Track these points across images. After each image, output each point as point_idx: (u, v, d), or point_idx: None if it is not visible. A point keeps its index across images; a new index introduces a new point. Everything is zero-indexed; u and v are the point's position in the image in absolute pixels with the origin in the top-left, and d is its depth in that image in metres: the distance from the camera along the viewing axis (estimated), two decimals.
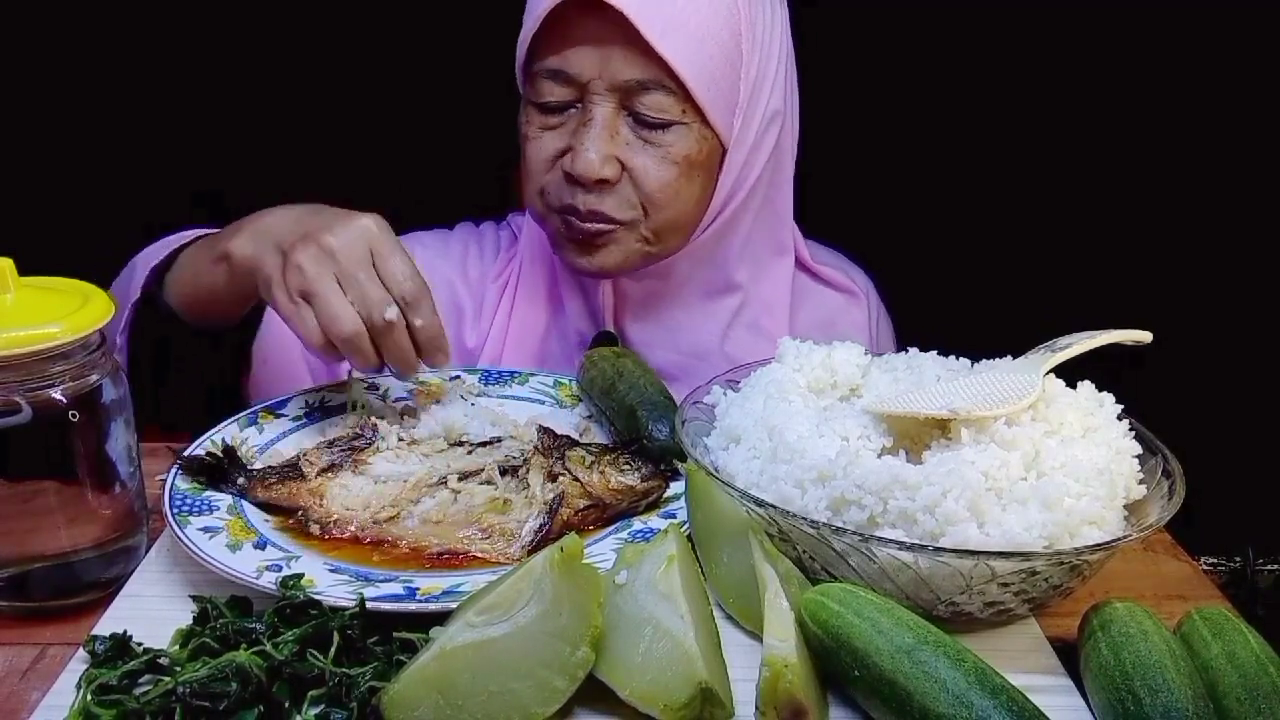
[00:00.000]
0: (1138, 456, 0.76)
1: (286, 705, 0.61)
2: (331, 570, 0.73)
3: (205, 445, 0.86)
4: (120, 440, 0.74)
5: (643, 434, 0.87)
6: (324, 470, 0.83)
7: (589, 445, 0.86)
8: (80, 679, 0.62)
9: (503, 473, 0.84)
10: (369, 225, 0.83)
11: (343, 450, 0.86)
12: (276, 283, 0.82)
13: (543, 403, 1.01)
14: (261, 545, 0.76)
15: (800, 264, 1.14)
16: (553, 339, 1.12)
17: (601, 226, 0.97)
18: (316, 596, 0.68)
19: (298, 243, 0.81)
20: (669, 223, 0.99)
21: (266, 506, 0.81)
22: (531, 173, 1.00)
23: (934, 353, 0.89)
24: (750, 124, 0.99)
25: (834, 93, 1.07)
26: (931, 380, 0.83)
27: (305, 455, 0.84)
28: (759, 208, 1.05)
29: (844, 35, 1.10)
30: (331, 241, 0.81)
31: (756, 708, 0.60)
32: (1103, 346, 0.81)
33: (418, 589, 0.71)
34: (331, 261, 0.80)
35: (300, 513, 0.80)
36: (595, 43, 0.92)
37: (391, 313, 0.81)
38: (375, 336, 0.82)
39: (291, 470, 0.83)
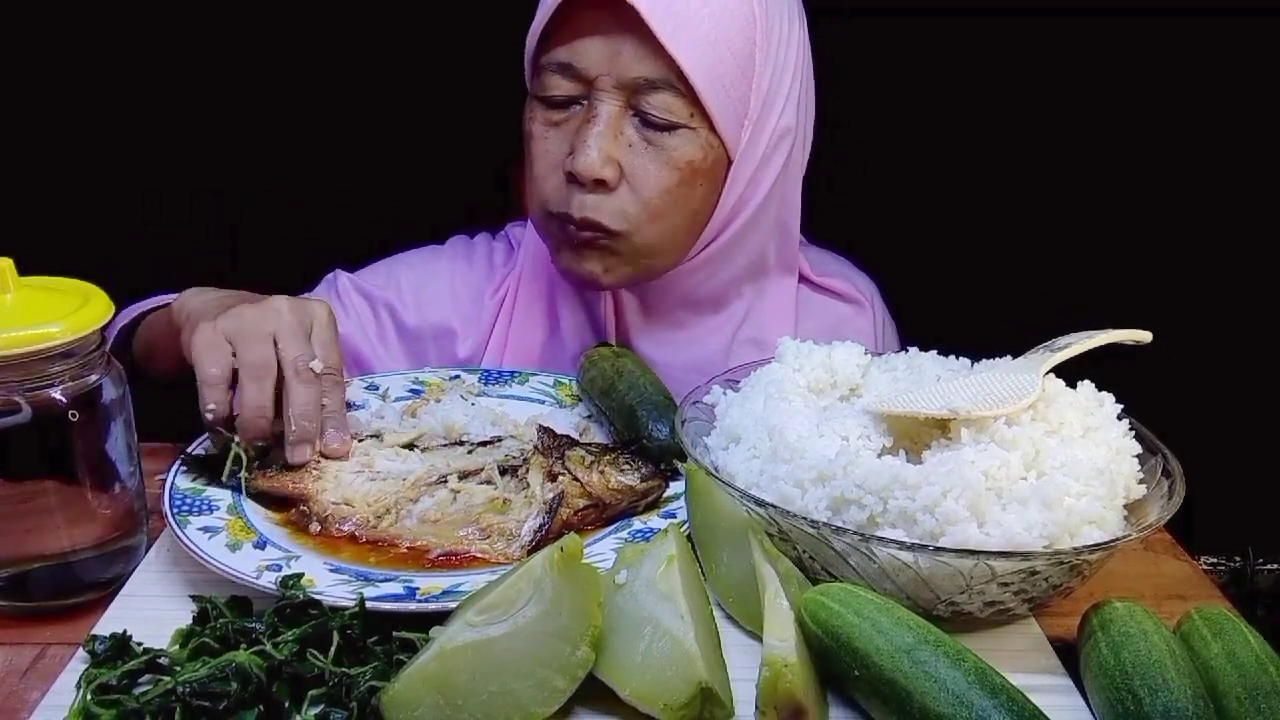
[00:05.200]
0: (1138, 456, 0.76)
1: (286, 705, 0.61)
2: (331, 570, 0.73)
3: (206, 445, 0.86)
4: (120, 440, 0.74)
5: (643, 434, 0.87)
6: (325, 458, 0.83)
7: (589, 445, 0.86)
8: (80, 679, 0.62)
9: (502, 472, 0.84)
10: (316, 309, 0.84)
11: None
12: (207, 321, 0.81)
13: (543, 402, 1.01)
14: (261, 545, 0.76)
15: (802, 277, 1.13)
16: (552, 353, 1.10)
17: (592, 235, 0.95)
18: (316, 596, 0.68)
19: (245, 303, 0.83)
20: (661, 235, 0.97)
21: (266, 499, 0.81)
22: (535, 175, 0.98)
23: (934, 353, 0.89)
24: (759, 138, 0.97)
25: (833, 95, 1.07)
26: (931, 380, 0.83)
27: None
28: (768, 226, 1.04)
29: (843, 39, 1.10)
30: (282, 305, 0.82)
31: (756, 708, 0.60)
32: (1103, 346, 0.81)
33: (418, 589, 0.71)
34: (275, 317, 0.81)
35: (300, 507, 0.80)
36: (605, 38, 0.91)
37: (318, 363, 0.82)
38: (289, 382, 0.81)
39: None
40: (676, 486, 0.84)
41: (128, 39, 1.69)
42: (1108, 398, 0.79)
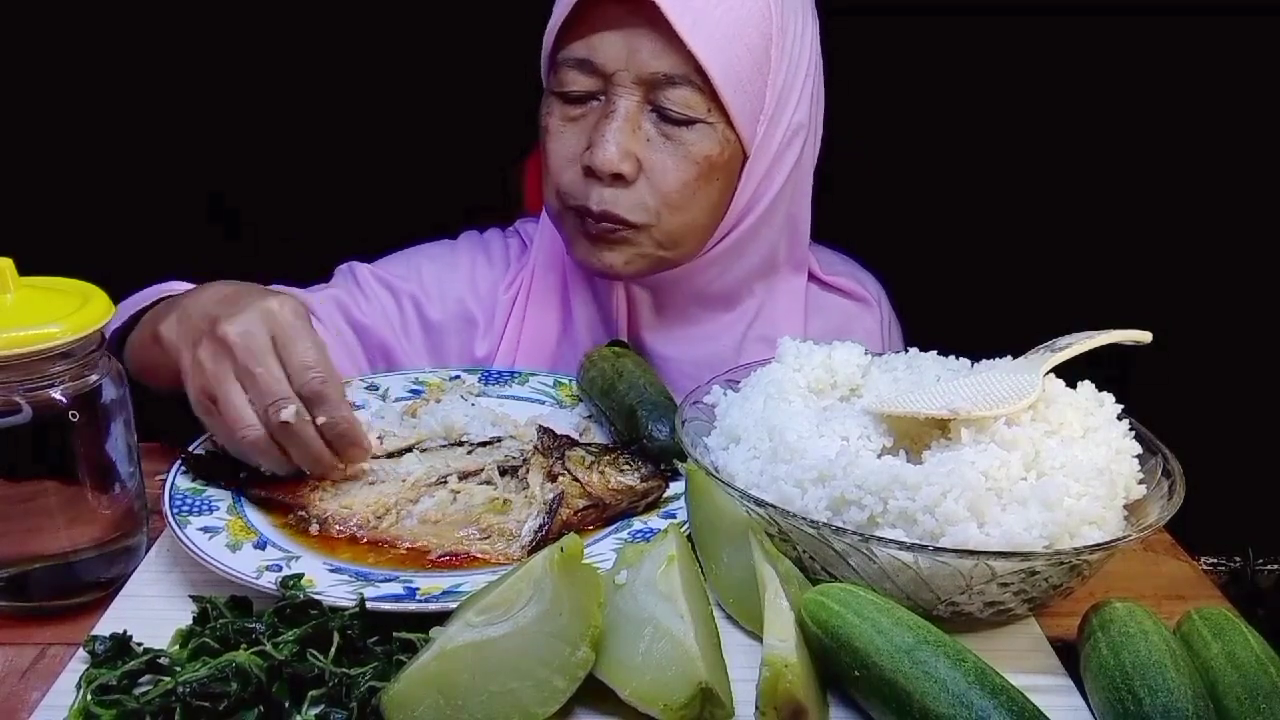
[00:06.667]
0: (1138, 456, 0.76)
1: (286, 705, 0.61)
2: (331, 570, 0.73)
3: (206, 445, 0.86)
4: (120, 440, 0.74)
5: (643, 434, 0.87)
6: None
7: (589, 445, 0.86)
8: (80, 679, 0.62)
9: (502, 473, 0.84)
10: (271, 309, 0.76)
11: None
12: (188, 381, 0.78)
13: (543, 403, 1.01)
14: (261, 545, 0.76)
15: (811, 275, 1.13)
16: (565, 348, 1.10)
17: (611, 227, 0.96)
18: (316, 596, 0.68)
19: (202, 336, 0.76)
20: (682, 228, 0.97)
21: (266, 504, 0.81)
22: (551, 169, 0.98)
23: (934, 353, 0.89)
24: (774, 133, 0.98)
25: (835, 94, 1.07)
26: (931, 380, 0.83)
27: None
28: (780, 223, 1.04)
29: (847, 39, 1.10)
30: (228, 332, 0.74)
31: (756, 708, 0.60)
32: (1103, 346, 0.81)
33: (418, 589, 0.71)
34: (228, 357, 0.75)
35: (299, 511, 0.80)
36: (624, 33, 0.91)
37: (288, 413, 0.74)
38: (276, 438, 0.76)
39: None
40: (676, 487, 0.84)
41: (129, 36, 1.69)
42: (1108, 398, 0.79)
